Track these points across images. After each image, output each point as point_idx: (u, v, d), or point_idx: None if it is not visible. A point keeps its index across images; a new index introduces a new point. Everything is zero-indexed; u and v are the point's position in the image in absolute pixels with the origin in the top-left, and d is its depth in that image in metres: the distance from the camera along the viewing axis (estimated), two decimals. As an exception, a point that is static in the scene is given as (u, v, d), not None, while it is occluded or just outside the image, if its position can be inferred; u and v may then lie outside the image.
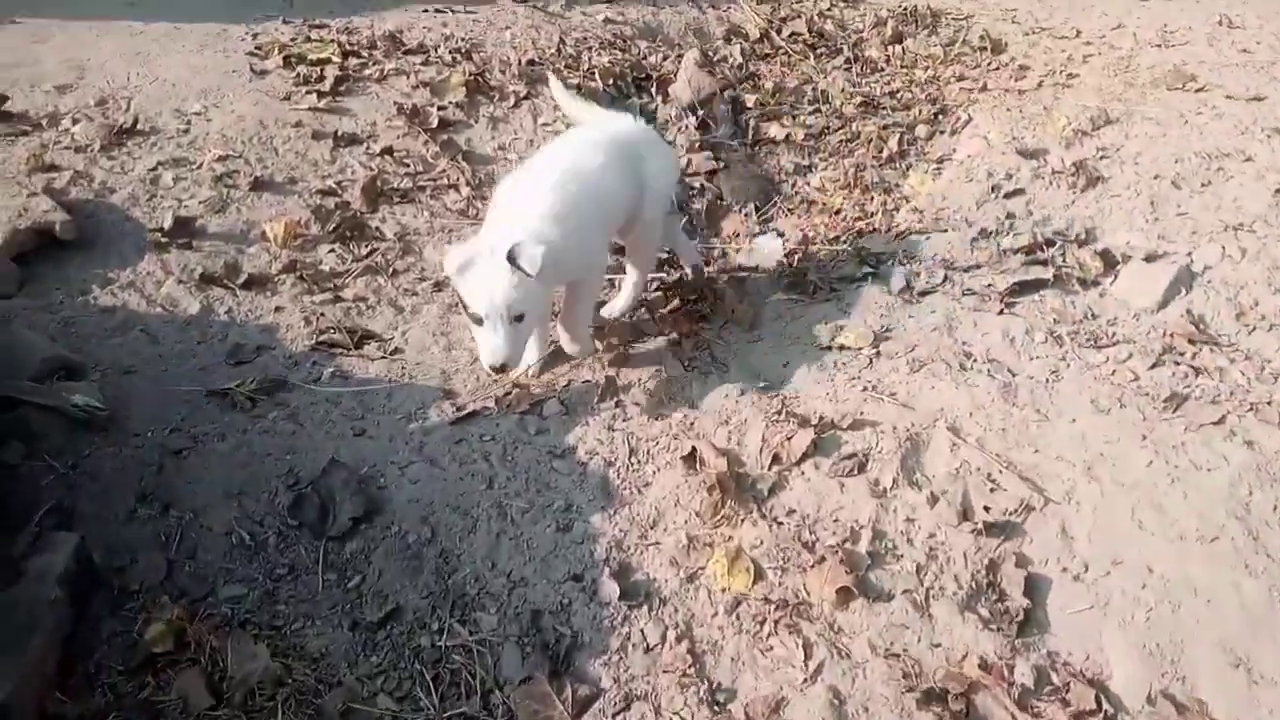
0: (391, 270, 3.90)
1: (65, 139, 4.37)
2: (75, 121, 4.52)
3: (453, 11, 6.61)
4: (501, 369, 2.98)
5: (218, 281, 3.69)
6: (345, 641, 2.56)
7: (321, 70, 5.28)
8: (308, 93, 5.02)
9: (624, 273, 3.80)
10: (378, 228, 4.13)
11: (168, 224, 3.84)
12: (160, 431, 3.03)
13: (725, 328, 3.71)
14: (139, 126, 4.56)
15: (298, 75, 5.23)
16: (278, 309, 3.62)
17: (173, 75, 5.14)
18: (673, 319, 3.62)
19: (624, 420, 3.21)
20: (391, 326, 3.62)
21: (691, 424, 3.15)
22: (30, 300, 3.43)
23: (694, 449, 2.99)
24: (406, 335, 3.57)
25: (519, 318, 2.96)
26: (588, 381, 3.36)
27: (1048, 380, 3.17)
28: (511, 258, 2.87)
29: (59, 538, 2.52)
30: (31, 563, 2.42)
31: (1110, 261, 3.65)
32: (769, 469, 2.93)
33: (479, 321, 2.97)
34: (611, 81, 5.79)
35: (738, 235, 4.84)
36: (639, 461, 3.04)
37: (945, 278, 3.73)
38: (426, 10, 6.62)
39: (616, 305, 3.77)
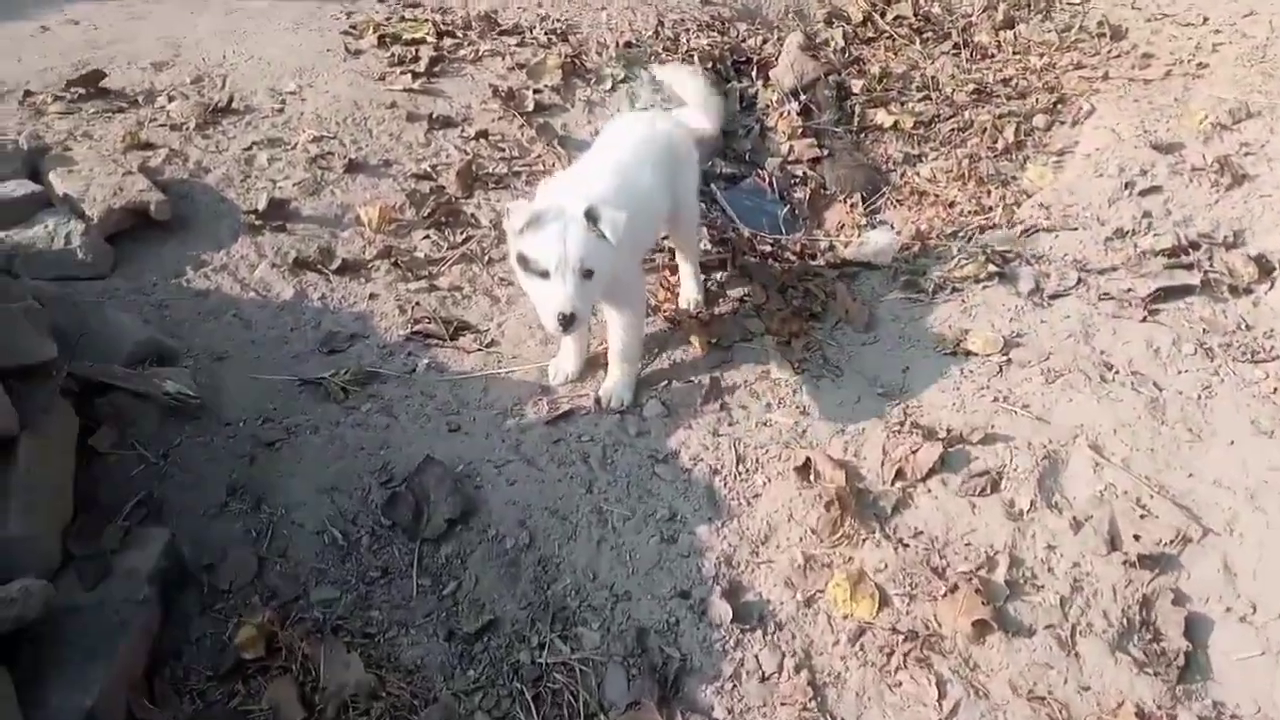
0: (486, 259, 3.75)
1: (161, 117, 4.32)
2: (171, 99, 4.47)
3: (546, -9, 6.46)
4: (569, 321, 2.63)
5: (311, 266, 3.58)
6: (441, 653, 2.43)
7: (416, 51, 5.17)
8: (402, 73, 4.91)
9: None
10: (472, 214, 4.00)
11: (262, 205, 3.75)
12: (253, 421, 2.94)
13: (838, 328, 3.49)
14: (234, 105, 4.50)
15: (392, 55, 5.13)
16: (372, 296, 3.50)
17: (268, 54, 5.08)
18: (781, 318, 3.41)
19: (730, 425, 3.02)
20: (487, 317, 3.47)
21: (804, 432, 2.95)
22: (124, 282, 3.37)
23: (808, 460, 2.79)
24: (502, 327, 3.42)
25: (589, 273, 2.66)
26: (690, 381, 3.18)
27: (1200, 396, 2.89)
28: (591, 216, 2.64)
29: (149, 534, 2.43)
30: (121, 559, 2.33)
31: (1265, 268, 3.33)
32: (891, 484, 2.72)
33: (545, 275, 2.65)
34: (710, 65, 5.57)
35: (843, 227, 4.61)
36: (747, 471, 2.85)
37: (1078, 280, 3.45)
38: (520, -11, 6.47)
39: (688, 296, 3.56)
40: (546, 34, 5.56)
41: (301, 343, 3.26)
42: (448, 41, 5.34)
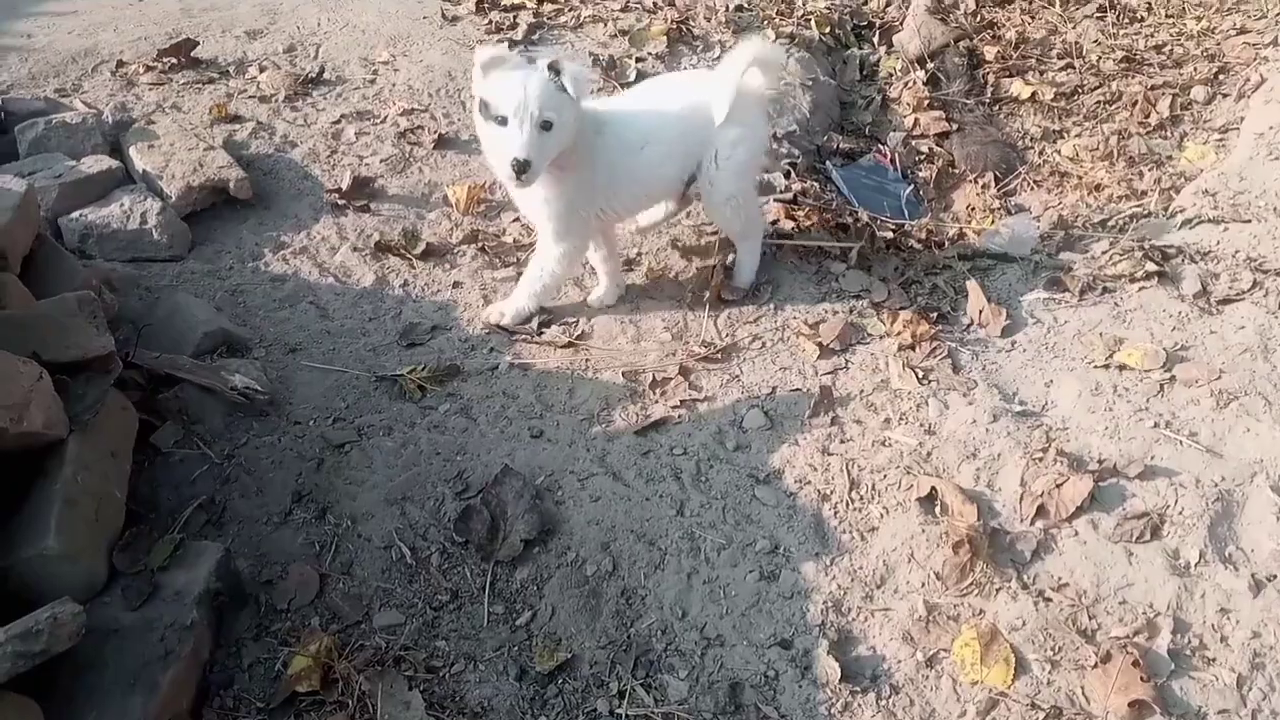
0: (580, 243, 3.47)
1: (251, 88, 4.18)
2: (262, 69, 4.32)
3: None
4: (523, 168, 2.58)
5: (394, 250, 3.36)
6: (511, 694, 2.17)
7: (515, 17, 4.92)
8: (499, 41, 4.65)
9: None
10: (566, 194, 3.71)
11: (346, 184, 3.55)
12: (323, 420, 2.74)
13: (969, 331, 3.09)
14: (325, 76, 4.33)
15: (490, 22, 4.89)
16: (455, 284, 3.26)
17: (363, 21, 4.89)
18: (904, 318, 3.04)
19: (842, 442, 2.68)
20: (576, 310, 3.19)
21: (928, 454, 2.59)
22: (200, 264, 3.21)
23: (933, 489, 2.43)
24: (592, 321, 3.14)
25: (547, 124, 2.59)
26: (797, 390, 2.84)
27: None
28: (555, 68, 2.59)
29: (202, 549, 2.24)
30: (169, 578, 2.14)
31: None
32: (1031, 524, 2.35)
33: (503, 122, 2.59)
34: (829, 30, 5.16)
35: (973, 210, 4.17)
36: (861, 498, 2.51)
37: (1254, 283, 2.97)
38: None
39: (742, 276, 3.26)
40: (653, -2, 5.23)
41: (380, 334, 3.05)
42: (548, 7, 5.07)
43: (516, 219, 3.56)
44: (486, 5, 5.06)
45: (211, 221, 3.38)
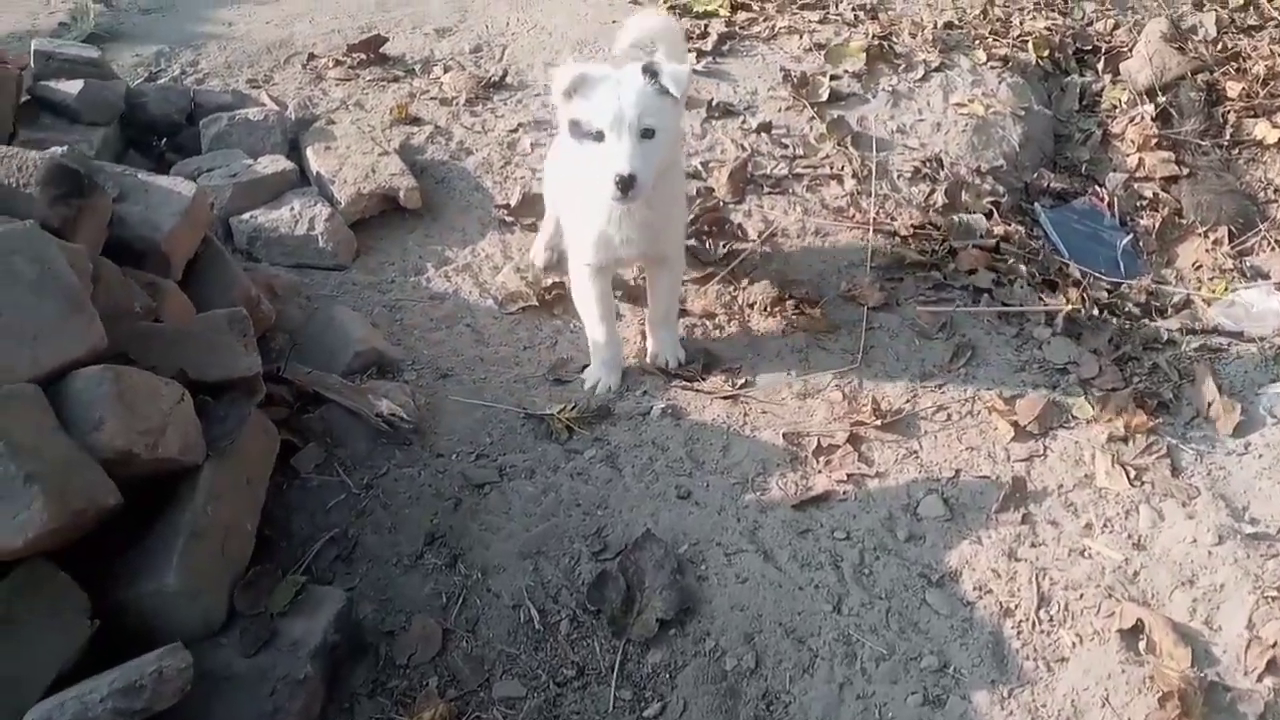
0: (748, 280, 3.22)
1: (433, 89, 4.12)
2: (447, 70, 4.26)
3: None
4: (629, 184, 2.31)
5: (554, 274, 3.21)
6: (629, 797, 1.97)
7: (706, 25, 4.69)
8: (688, 51, 4.43)
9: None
10: (740, 224, 3.46)
11: (515, 200, 3.42)
12: (465, 456, 2.60)
13: (1194, 425, 2.67)
14: (507, 80, 4.23)
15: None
16: (617, 316, 3.07)
17: (551, 23, 4.78)
18: (1116, 402, 2.64)
19: (1033, 546, 2.33)
20: (740, 355, 2.95)
21: (1135, 575, 2.22)
22: (362, 275, 3.15)
23: (1139, 621, 2.07)
24: (756, 370, 2.89)
25: (649, 132, 2.34)
26: (984, 477, 2.51)
27: None
28: (651, 70, 2.35)
29: (324, 595, 2.13)
30: (289, 624, 2.04)
31: None
32: (1259, 680, 1.96)
33: (600, 138, 2.35)
34: (1047, 53, 4.69)
35: (1200, 269, 3.67)
36: (1051, 619, 2.17)
37: None
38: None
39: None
40: (854, 9, 4.90)
41: (532, 365, 2.90)
42: (742, 16, 4.81)
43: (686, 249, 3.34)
44: (678, 10, 4.85)
45: (378, 229, 3.32)
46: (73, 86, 3.18)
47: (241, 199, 3.13)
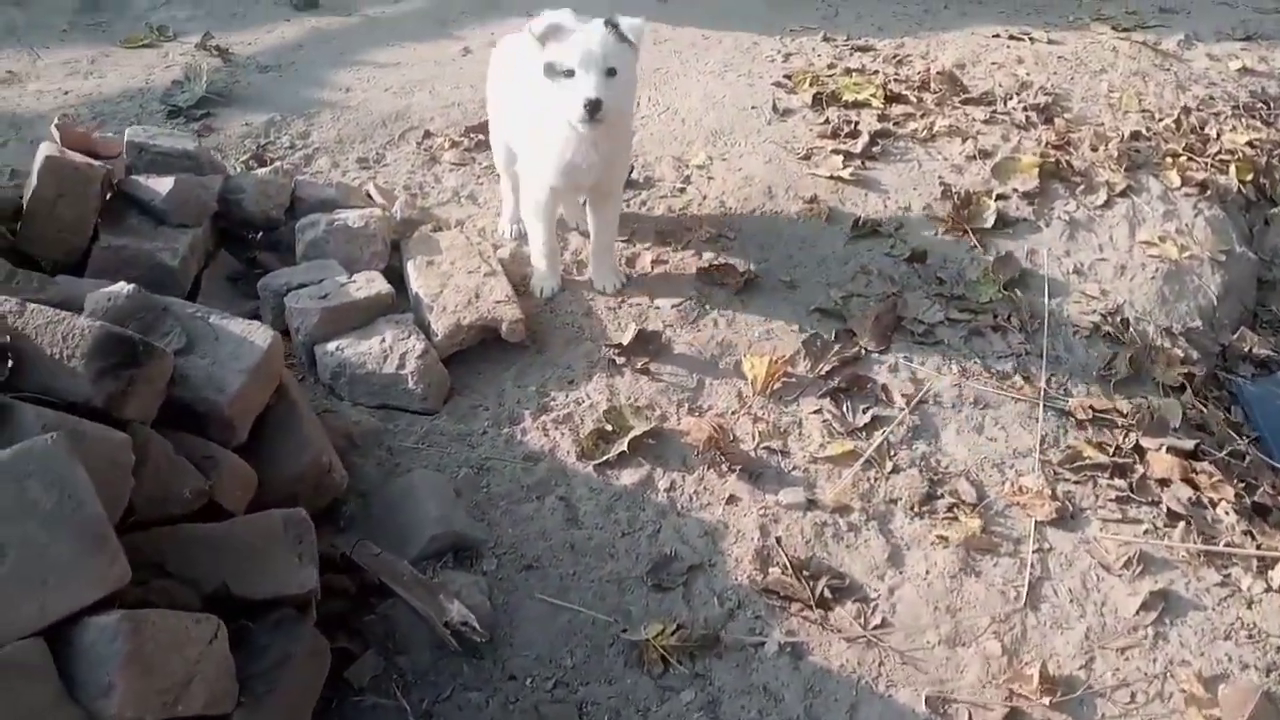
0: (891, 467, 2.75)
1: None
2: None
3: (1032, 40, 5.20)
4: (596, 107, 2.72)
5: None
6: None
7: (856, 119, 4.24)
8: (833, 151, 3.99)
9: None
10: (885, 385, 2.99)
11: (628, 338, 3.02)
12: (542, 681, 2.21)
13: None
14: (632, 175, 3.84)
15: (826, 122, 4.24)
16: (731, 499, 2.64)
17: (685, 106, 4.41)
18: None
19: None
20: (876, 571, 2.48)
21: None
22: (452, 422, 2.79)
23: None
24: (896, 596, 2.42)
25: (611, 71, 2.77)
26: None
27: None
28: (611, 23, 2.78)
29: None
30: None
31: None
32: None
33: (570, 74, 2.75)
34: (1250, 177, 4.07)
35: None
36: None
37: None
38: (998, 35, 5.27)
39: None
40: (1025, 109, 4.37)
41: (629, 559, 2.49)
42: (897, 109, 4.34)
43: (818, 410, 2.90)
44: (824, 99, 4.40)
45: (477, 363, 2.97)
46: (163, 185, 2.93)
47: (330, 325, 2.82)
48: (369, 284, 2.93)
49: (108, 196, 2.95)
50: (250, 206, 3.19)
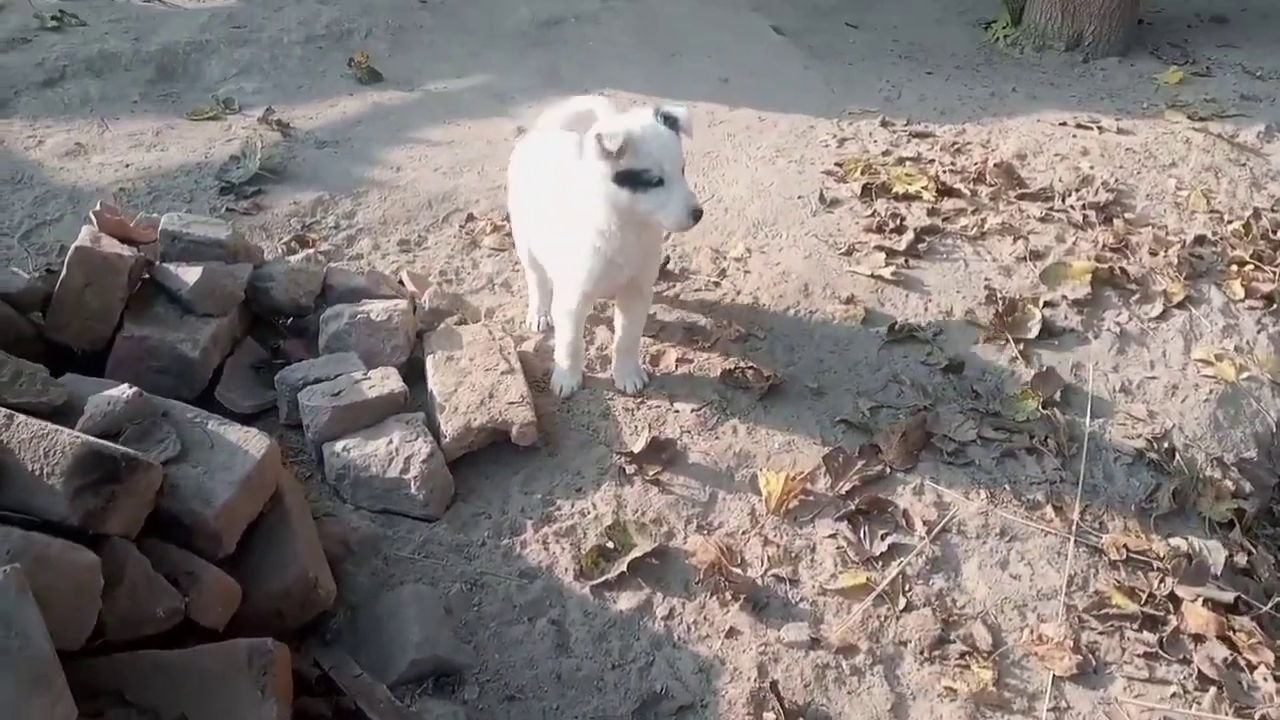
0: (905, 604, 2.61)
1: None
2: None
3: (1100, 130, 5.02)
4: (700, 214, 2.66)
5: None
6: None
7: (904, 212, 4.12)
8: (877, 248, 3.89)
9: None
10: (906, 510, 2.85)
11: (640, 446, 2.95)
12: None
13: None
14: (668, 265, 3.80)
15: (873, 215, 4.14)
16: (731, 633, 2.53)
17: (731, 194, 4.37)
18: None
19: None
20: (878, 722, 2.35)
21: None
22: (451, 531, 2.74)
23: None
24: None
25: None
26: None
27: None
28: (669, 118, 2.68)
29: None
30: None
31: None
32: None
33: (660, 183, 2.62)
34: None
35: None
36: None
37: None
38: (1065, 124, 5.11)
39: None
40: (1084, 207, 4.20)
41: (617, 694, 2.39)
42: (948, 204, 4.21)
43: (834, 534, 2.78)
44: (874, 190, 4.30)
45: (485, 466, 2.93)
46: (191, 274, 2.97)
47: (340, 424, 2.82)
48: (383, 381, 2.92)
49: (139, 284, 3.01)
50: (279, 295, 3.22)
